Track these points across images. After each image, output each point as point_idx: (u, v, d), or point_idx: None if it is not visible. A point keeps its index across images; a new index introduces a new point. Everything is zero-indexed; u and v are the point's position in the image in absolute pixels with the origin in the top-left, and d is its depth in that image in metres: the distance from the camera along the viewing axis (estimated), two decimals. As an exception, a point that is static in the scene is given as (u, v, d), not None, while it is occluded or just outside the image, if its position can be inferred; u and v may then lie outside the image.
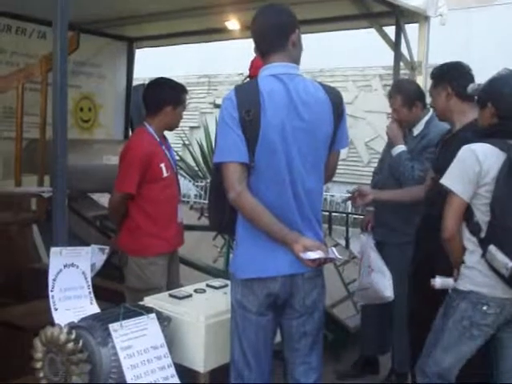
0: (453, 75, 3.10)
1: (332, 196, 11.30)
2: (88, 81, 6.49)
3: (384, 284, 3.57)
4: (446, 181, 2.61)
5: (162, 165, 3.41)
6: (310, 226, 2.36)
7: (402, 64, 4.99)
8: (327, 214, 7.31)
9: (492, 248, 2.43)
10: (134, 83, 7.18)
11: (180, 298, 2.64)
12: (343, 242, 5.99)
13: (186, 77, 12.47)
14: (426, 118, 3.66)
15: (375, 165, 4.20)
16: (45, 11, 2.53)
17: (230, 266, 2.49)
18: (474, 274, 2.54)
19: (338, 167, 2.58)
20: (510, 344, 2.60)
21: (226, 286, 2.80)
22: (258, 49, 2.42)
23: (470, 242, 2.56)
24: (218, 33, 5.95)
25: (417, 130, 3.67)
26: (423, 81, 4.79)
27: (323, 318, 2.49)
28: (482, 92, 2.67)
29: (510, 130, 2.51)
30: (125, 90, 6.96)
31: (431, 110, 3.56)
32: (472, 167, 2.50)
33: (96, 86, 6.62)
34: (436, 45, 5.20)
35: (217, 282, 2.90)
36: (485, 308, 2.50)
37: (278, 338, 2.50)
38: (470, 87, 2.81)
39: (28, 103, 4.78)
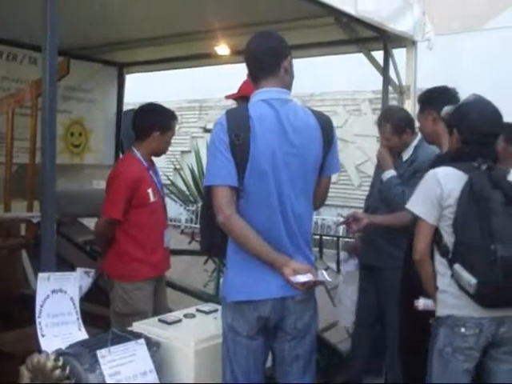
0: (439, 100, 3.13)
1: (323, 219, 11.31)
2: (79, 106, 6.49)
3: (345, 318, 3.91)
4: (410, 205, 2.65)
5: (150, 190, 3.44)
6: (299, 250, 2.36)
7: (390, 88, 5.04)
8: (318, 237, 7.30)
9: (457, 266, 2.44)
10: (125, 108, 7.20)
11: (169, 323, 2.61)
12: (334, 266, 5.98)
13: (177, 102, 12.53)
14: (415, 142, 3.68)
15: (366, 188, 4.22)
16: (35, 37, 2.54)
17: (221, 290, 2.49)
18: (446, 297, 2.54)
19: (329, 190, 2.60)
20: (497, 369, 2.54)
21: (216, 310, 2.78)
22: (250, 74, 2.46)
23: (441, 264, 2.56)
24: (207, 58, 5.98)
25: (406, 155, 3.69)
26: (412, 105, 4.83)
27: (315, 342, 2.48)
28: (449, 118, 2.71)
29: (474, 154, 2.52)
30: (115, 115, 6.97)
31: (419, 134, 3.59)
32: (433, 190, 2.53)
33: (87, 111, 6.63)
34: (424, 69, 5.26)
35: (207, 307, 2.87)
36: (463, 330, 2.47)
37: (269, 363, 2.48)
38: (444, 110, 2.85)
39: (18, 128, 4.78)
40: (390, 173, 3.62)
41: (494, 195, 2.40)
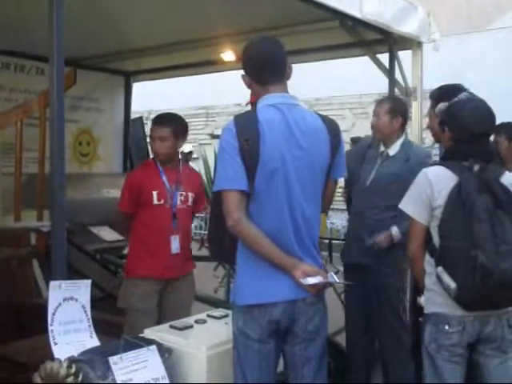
0: (450, 97, 3.12)
1: (332, 223, 11.29)
2: (86, 115, 6.54)
3: None
4: (402, 205, 2.66)
5: (155, 192, 3.54)
6: (308, 253, 2.36)
7: (397, 90, 5.03)
8: (327, 241, 7.28)
9: (439, 269, 2.45)
10: (132, 116, 7.24)
11: (181, 329, 2.61)
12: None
13: (184, 109, 12.55)
14: (401, 140, 3.68)
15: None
16: (42, 48, 2.57)
17: (231, 294, 2.49)
18: (432, 296, 2.55)
19: (338, 194, 2.61)
20: (489, 363, 2.53)
21: (226, 316, 2.78)
22: (255, 79, 2.44)
23: (428, 264, 2.57)
24: (213, 64, 6.01)
25: (392, 151, 3.66)
26: (418, 106, 4.84)
27: (326, 344, 2.47)
28: (441, 116, 2.71)
29: (464, 152, 2.53)
30: (123, 123, 7.01)
31: (406, 135, 3.60)
32: (424, 190, 2.54)
33: (94, 120, 6.67)
34: (431, 70, 5.25)
35: (218, 312, 2.87)
36: (446, 327, 2.48)
37: (280, 368, 2.48)
38: (438, 107, 2.84)
39: (27, 139, 4.81)
40: None
41: (480, 201, 2.38)
